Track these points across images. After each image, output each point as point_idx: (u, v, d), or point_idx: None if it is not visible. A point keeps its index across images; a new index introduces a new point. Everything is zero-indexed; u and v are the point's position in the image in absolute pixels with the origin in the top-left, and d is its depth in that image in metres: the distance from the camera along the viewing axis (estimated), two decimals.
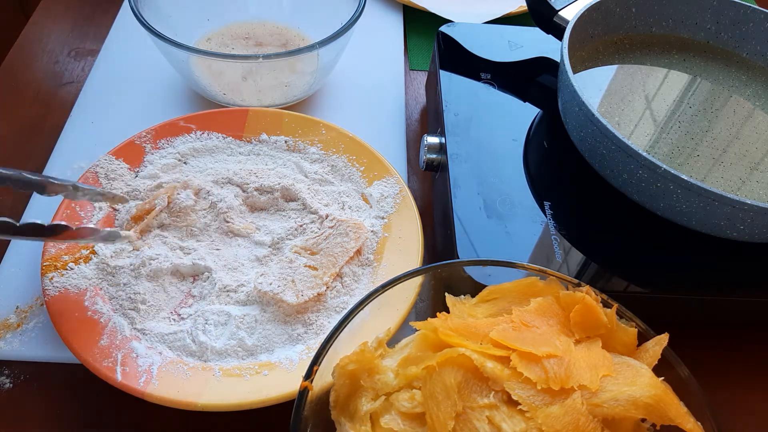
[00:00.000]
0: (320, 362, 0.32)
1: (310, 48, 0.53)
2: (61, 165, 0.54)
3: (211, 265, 0.45)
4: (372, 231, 0.48)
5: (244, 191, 0.50)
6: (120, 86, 0.62)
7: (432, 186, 0.54)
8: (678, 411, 0.31)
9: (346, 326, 0.34)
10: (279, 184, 0.50)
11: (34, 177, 0.39)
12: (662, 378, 0.32)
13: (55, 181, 0.40)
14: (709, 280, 0.44)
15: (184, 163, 0.52)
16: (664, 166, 0.39)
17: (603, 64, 0.55)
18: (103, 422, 0.41)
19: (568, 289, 0.35)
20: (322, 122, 0.55)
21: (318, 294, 0.43)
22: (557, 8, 0.54)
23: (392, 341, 0.35)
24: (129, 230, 0.45)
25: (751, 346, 0.48)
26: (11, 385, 0.42)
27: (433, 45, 0.59)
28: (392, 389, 0.32)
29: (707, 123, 0.51)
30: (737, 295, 0.43)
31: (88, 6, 0.72)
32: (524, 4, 0.60)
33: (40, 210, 0.51)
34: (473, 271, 0.38)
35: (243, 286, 0.44)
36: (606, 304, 0.35)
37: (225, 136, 0.54)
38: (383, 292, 0.35)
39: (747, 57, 0.57)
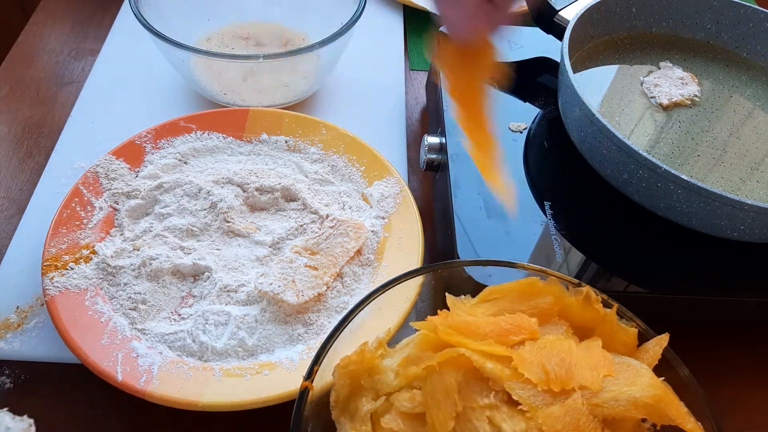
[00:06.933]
0: (320, 362, 0.32)
1: (310, 48, 0.53)
2: (61, 165, 0.54)
3: (211, 265, 0.45)
4: (372, 231, 0.48)
5: (244, 191, 0.50)
6: (120, 86, 0.62)
7: (432, 186, 0.54)
8: (678, 411, 0.31)
9: (346, 326, 0.34)
10: (279, 184, 0.50)
11: None
12: (662, 378, 0.32)
13: None
14: (709, 280, 0.44)
15: (185, 163, 0.52)
16: (665, 167, 0.39)
17: (603, 64, 0.55)
18: (103, 422, 0.41)
19: (568, 289, 0.35)
20: (322, 122, 0.55)
21: (318, 294, 0.43)
22: (557, 8, 0.54)
23: (392, 341, 0.35)
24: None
25: (751, 346, 0.48)
26: (11, 385, 0.42)
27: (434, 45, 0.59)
28: (392, 389, 0.32)
29: (707, 123, 0.51)
30: (737, 295, 0.43)
31: (88, 6, 0.72)
32: (524, 4, 0.60)
33: (40, 210, 0.50)
34: (473, 271, 0.38)
35: (243, 286, 0.44)
36: (606, 304, 0.35)
37: (225, 136, 0.54)
38: (383, 292, 0.35)
39: (747, 57, 0.57)
